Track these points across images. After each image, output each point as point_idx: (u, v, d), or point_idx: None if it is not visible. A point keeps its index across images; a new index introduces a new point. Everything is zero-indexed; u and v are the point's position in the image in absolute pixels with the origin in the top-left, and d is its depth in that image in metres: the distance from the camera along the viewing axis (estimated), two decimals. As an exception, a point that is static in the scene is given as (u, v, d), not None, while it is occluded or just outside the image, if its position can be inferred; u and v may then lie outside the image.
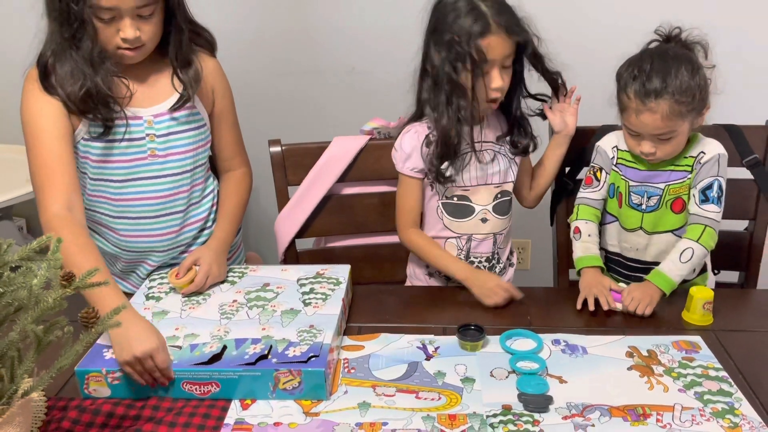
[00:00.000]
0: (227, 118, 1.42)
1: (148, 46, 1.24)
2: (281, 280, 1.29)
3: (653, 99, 1.22)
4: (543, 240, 2.12)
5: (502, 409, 1.00)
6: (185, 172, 1.35)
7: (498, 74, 1.28)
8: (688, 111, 1.24)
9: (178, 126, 1.32)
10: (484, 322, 1.18)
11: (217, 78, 1.38)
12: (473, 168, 1.38)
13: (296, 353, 1.04)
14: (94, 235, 1.39)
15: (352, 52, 2.06)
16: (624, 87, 1.27)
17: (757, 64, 1.96)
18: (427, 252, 1.41)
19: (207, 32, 1.37)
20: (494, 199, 1.42)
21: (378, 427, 0.97)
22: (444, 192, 1.41)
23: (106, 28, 1.18)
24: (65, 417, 0.98)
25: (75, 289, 0.82)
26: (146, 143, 1.30)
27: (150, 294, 1.25)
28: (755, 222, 1.58)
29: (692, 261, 1.29)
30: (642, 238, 1.38)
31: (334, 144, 1.55)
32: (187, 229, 1.39)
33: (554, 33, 1.33)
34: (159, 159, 1.31)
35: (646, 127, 1.25)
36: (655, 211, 1.35)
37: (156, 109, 1.30)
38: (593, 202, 1.42)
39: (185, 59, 1.30)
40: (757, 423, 0.97)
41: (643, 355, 1.13)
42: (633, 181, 1.36)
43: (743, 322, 1.25)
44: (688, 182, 1.33)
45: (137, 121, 1.28)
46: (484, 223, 1.42)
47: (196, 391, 1.02)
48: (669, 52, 1.26)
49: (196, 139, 1.35)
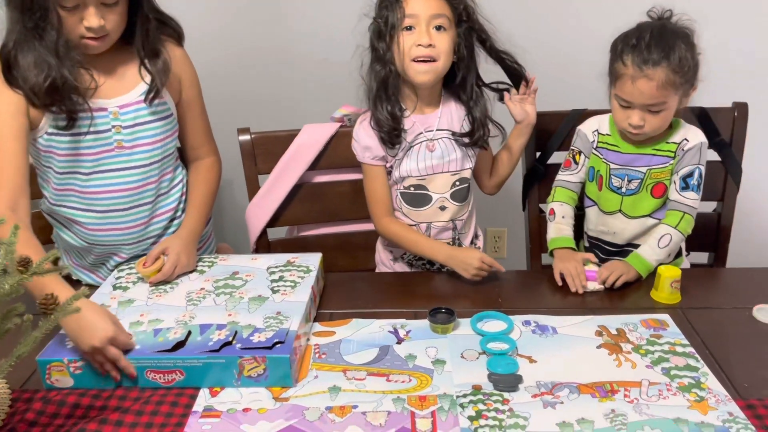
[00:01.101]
0: (195, 106, 1.40)
1: (112, 36, 1.22)
2: (251, 268, 1.28)
3: (651, 66, 1.22)
4: (519, 228, 2.13)
5: (472, 390, 1.00)
6: (153, 163, 1.33)
7: (424, 31, 1.27)
8: (681, 84, 1.25)
9: (145, 117, 1.30)
10: (456, 306, 1.18)
11: (183, 67, 1.36)
12: (428, 156, 1.38)
13: (261, 339, 1.03)
14: (63, 229, 1.37)
15: (325, 41, 2.05)
16: (620, 55, 1.27)
17: (721, 47, 1.98)
18: (404, 239, 1.40)
19: (173, 21, 1.35)
20: (452, 187, 1.41)
21: (348, 410, 0.96)
22: (401, 182, 1.40)
23: (69, 17, 1.15)
24: (29, 409, 0.97)
25: (32, 275, 0.80)
26: (112, 135, 1.27)
27: (117, 284, 1.23)
28: (723, 203, 1.60)
29: (669, 246, 1.31)
30: (620, 221, 1.39)
31: (304, 132, 1.54)
32: (156, 220, 1.37)
33: (521, 23, 1.34)
34: (126, 150, 1.29)
35: (641, 96, 1.25)
36: (635, 194, 1.37)
37: (121, 99, 1.28)
38: (570, 184, 1.44)
39: (152, 49, 1.28)
40: (722, 396, 0.98)
41: (612, 334, 1.14)
42: (614, 164, 1.37)
43: (710, 299, 1.26)
44: (670, 167, 1.34)
45: (102, 113, 1.26)
46: (442, 211, 1.42)
47: (160, 379, 1.01)
48: (667, 27, 1.28)
49: (163, 130, 1.33)
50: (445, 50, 1.29)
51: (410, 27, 1.28)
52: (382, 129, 1.35)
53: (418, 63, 1.29)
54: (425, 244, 1.38)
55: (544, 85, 1.45)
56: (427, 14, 1.27)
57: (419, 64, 1.29)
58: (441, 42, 1.29)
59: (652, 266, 1.30)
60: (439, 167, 1.39)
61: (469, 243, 1.49)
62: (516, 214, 1.74)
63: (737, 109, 1.55)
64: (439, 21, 1.28)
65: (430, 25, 1.28)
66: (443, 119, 1.39)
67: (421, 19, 1.27)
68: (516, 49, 1.38)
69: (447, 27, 1.29)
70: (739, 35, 1.98)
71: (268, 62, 2.09)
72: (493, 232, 2.36)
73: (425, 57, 1.28)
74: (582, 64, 1.42)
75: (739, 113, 1.55)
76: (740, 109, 1.55)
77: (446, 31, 1.29)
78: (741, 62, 2.01)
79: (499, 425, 0.92)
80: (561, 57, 1.94)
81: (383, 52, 1.31)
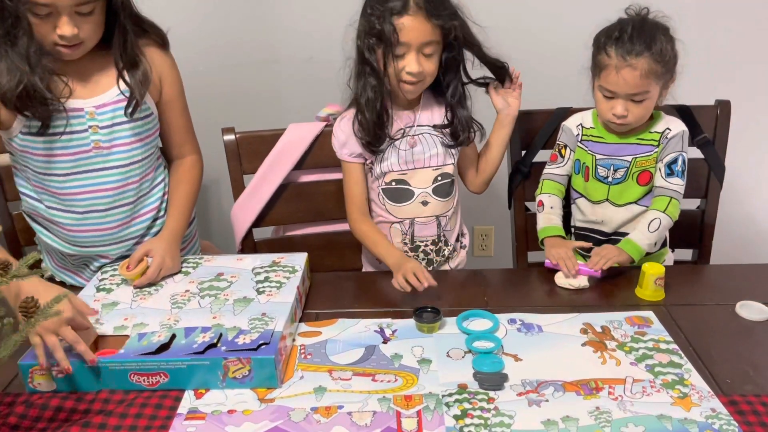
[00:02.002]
0: (175, 105, 1.39)
1: (87, 44, 1.20)
2: (236, 269, 1.27)
3: (634, 56, 1.27)
4: (506, 227, 2.14)
5: (458, 388, 1.00)
6: (133, 163, 1.32)
7: (414, 59, 1.28)
8: (662, 73, 1.30)
9: (122, 117, 1.28)
10: (442, 305, 1.18)
11: (163, 66, 1.35)
12: (409, 151, 1.38)
13: (246, 341, 1.02)
14: (43, 231, 1.35)
15: (310, 40, 2.04)
16: (604, 46, 1.31)
17: (709, 45, 2.00)
18: (369, 239, 1.41)
19: (156, 28, 1.32)
20: (434, 182, 1.41)
21: (334, 411, 0.96)
22: (383, 177, 1.41)
23: (42, 24, 1.13)
24: (11, 413, 0.96)
25: (12, 278, 0.79)
26: (89, 135, 1.26)
27: (101, 286, 1.22)
28: (707, 200, 1.61)
29: (659, 231, 1.35)
30: (608, 209, 1.43)
31: (289, 131, 1.53)
32: (139, 220, 1.36)
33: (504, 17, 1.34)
34: (104, 151, 1.28)
35: (625, 85, 1.28)
36: (621, 183, 1.41)
37: (98, 99, 1.26)
38: (557, 177, 1.48)
39: (131, 60, 1.26)
40: (705, 392, 0.98)
41: (597, 332, 1.14)
42: (600, 155, 1.41)
43: (694, 296, 1.27)
44: (654, 155, 1.38)
45: (78, 113, 1.24)
46: (425, 206, 1.42)
47: (144, 382, 1.00)
48: (648, 21, 1.32)
49: (142, 129, 1.32)
50: (431, 71, 1.32)
51: (401, 54, 1.29)
52: (366, 134, 1.36)
53: (405, 84, 1.32)
54: (382, 246, 1.37)
55: (529, 84, 1.45)
56: (417, 42, 1.27)
57: (406, 86, 1.32)
58: (429, 66, 1.31)
59: (643, 250, 1.33)
60: (420, 162, 1.40)
61: (455, 241, 1.50)
62: (503, 213, 1.75)
63: (720, 107, 1.56)
64: (429, 49, 1.29)
65: (420, 51, 1.28)
66: (423, 115, 1.40)
67: (412, 47, 1.28)
68: (500, 48, 1.38)
69: (435, 51, 1.31)
70: (721, 33, 2.00)
71: (253, 61, 2.08)
72: (481, 230, 2.37)
73: (413, 81, 1.31)
74: (568, 62, 1.43)
75: (722, 111, 1.56)
76: (723, 106, 1.56)
77: (434, 55, 1.31)
78: (723, 60, 2.02)
79: (484, 424, 0.93)
80: (546, 54, 1.95)
81: (375, 68, 1.31)
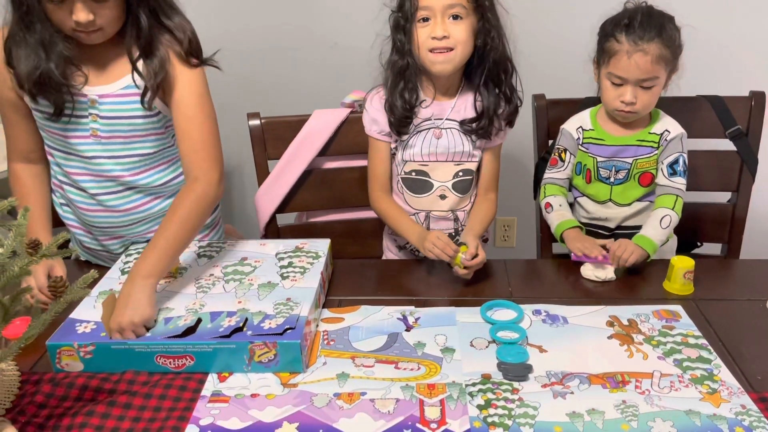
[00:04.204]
0: (186, 111, 1.24)
1: (107, 30, 1.16)
2: (260, 254, 1.27)
3: (646, 41, 1.26)
4: (529, 218, 2.12)
5: (482, 378, 0.99)
6: (139, 155, 1.28)
7: (439, 23, 1.25)
8: (671, 59, 1.29)
9: (123, 111, 1.24)
10: (465, 295, 1.17)
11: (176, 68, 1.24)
12: (433, 143, 1.36)
13: (272, 325, 1.02)
14: (67, 210, 1.37)
15: (336, 26, 2.03)
16: (612, 33, 1.30)
17: (745, 37, 1.95)
18: (389, 216, 1.40)
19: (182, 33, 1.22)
20: (454, 177, 1.39)
21: (356, 397, 0.96)
22: (404, 166, 1.39)
23: (57, 10, 1.11)
24: (39, 391, 0.97)
25: (41, 257, 0.80)
26: (89, 122, 1.24)
27: (125, 269, 1.23)
28: (738, 194, 1.58)
29: (670, 227, 1.34)
30: (612, 209, 1.43)
31: (314, 117, 1.53)
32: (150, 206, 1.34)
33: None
34: (102, 140, 1.25)
35: (636, 70, 1.27)
36: (624, 183, 1.40)
37: (102, 89, 1.23)
38: (559, 180, 1.47)
39: (146, 49, 1.20)
40: (735, 388, 0.97)
41: (624, 324, 1.12)
42: (601, 157, 1.40)
43: (723, 291, 1.24)
44: (655, 157, 1.38)
45: (82, 98, 1.22)
46: (442, 200, 1.40)
47: (170, 364, 1.00)
48: (654, 9, 1.31)
49: (145, 127, 1.27)
50: (462, 39, 1.26)
51: (426, 18, 1.26)
52: (393, 115, 1.34)
53: (434, 54, 1.27)
54: (403, 223, 1.37)
55: (555, 73, 1.44)
56: (441, 4, 1.24)
57: (435, 55, 1.27)
58: (457, 31, 1.25)
59: (657, 246, 1.32)
60: (443, 156, 1.37)
61: None
62: (526, 203, 1.73)
63: (754, 98, 1.52)
64: (455, 10, 1.25)
65: (445, 15, 1.25)
66: (457, 109, 1.36)
67: (436, 11, 1.24)
68: (529, 30, 1.36)
69: (464, 15, 1.26)
70: (757, 24, 1.95)
71: (279, 47, 2.08)
72: (503, 221, 2.35)
73: (441, 48, 1.26)
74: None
75: (756, 102, 1.52)
76: (757, 98, 1.52)
77: (463, 20, 1.26)
78: (759, 51, 1.98)
79: (508, 414, 0.92)
80: (572, 41, 1.92)
81: (401, 44, 1.30)
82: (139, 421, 0.92)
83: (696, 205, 1.56)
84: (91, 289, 0.99)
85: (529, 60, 1.40)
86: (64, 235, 0.83)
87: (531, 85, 1.46)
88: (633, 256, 1.27)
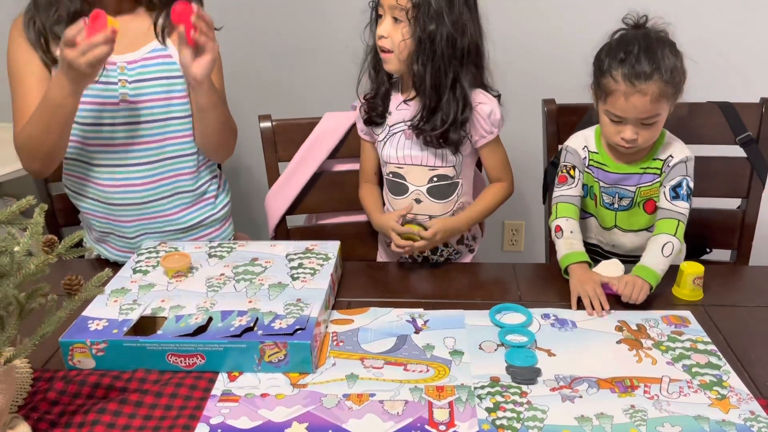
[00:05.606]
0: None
1: None
2: (270, 255, 1.28)
3: (643, 81, 1.19)
4: (536, 223, 2.12)
5: (490, 381, 1.00)
6: (169, 119, 1.35)
7: (384, 22, 1.28)
8: (673, 93, 1.22)
9: (149, 73, 1.33)
10: (474, 298, 1.17)
11: None
12: (406, 145, 1.37)
13: (282, 326, 1.03)
14: (83, 199, 1.39)
15: (347, 29, 2.04)
16: (608, 71, 1.22)
17: (757, 43, 1.95)
18: (365, 203, 1.47)
19: None
20: (429, 182, 1.39)
21: (365, 398, 0.96)
22: (385, 167, 1.43)
23: None
24: (51, 388, 0.98)
25: (57, 255, 0.81)
26: (118, 88, 1.31)
27: (137, 268, 1.24)
28: (747, 200, 1.58)
29: (672, 255, 1.25)
30: (617, 235, 1.39)
31: (324, 120, 1.54)
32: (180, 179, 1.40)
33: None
34: (131, 105, 1.32)
35: (635, 110, 1.21)
36: (628, 210, 1.36)
37: (129, 56, 1.31)
38: (571, 198, 1.35)
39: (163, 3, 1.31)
40: (744, 395, 0.97)
41: (633, 329, 1.13)
42: (603, 183, 1.35)
43: (733, 297, 1.24)
44: (658, 184, 1.32)
45: (111, 66, 1.30)
46: (418, 204, 1.41)
47: (181, 363, 1.01)
48: (651, 35, 1.24)
49: (167, 89, 1.34)
50: (395, 42, 1.28)
51: (381, 15, 1.30)
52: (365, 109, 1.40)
53: (380, 52, 1.32)
54: (373, 210, 1.44)
55: (565, 77, 1.43)
56: (387, 3, 1.27)
57: (381, 54, 1.32)
58: (394, 33, 1.28)
59: (660, 277, 1.22)
60: (417, 159, 1.37)
61: (456, 243, 1.48)
62: (533, 208, 1.73)
63: (765, 105, 1.52)
64: (395, 13, 1.27)
65: (389, 15, 1.28)
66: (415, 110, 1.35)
67: (385, 8, 1.28)
68: (532, 30, 1.36)
69: (402, 18, 1.26)
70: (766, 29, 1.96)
71: (291, 50, 2.10)
72: (511, 225, 2.35)
73: (383, 47, 1.30)
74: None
75: (766, 109, 1.52)
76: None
77: (401, 23, 1.27)
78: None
79: (516, 418, 0.92)
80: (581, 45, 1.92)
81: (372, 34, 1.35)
82: (150, 419, 0.93)
83: (706, 212, 1.56)
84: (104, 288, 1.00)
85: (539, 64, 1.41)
86: (79, 233, 0.84)
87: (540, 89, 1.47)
88: (642, 293, 1.19)
